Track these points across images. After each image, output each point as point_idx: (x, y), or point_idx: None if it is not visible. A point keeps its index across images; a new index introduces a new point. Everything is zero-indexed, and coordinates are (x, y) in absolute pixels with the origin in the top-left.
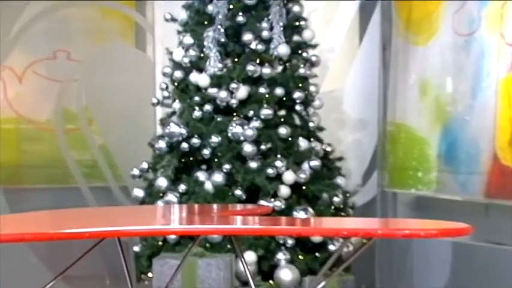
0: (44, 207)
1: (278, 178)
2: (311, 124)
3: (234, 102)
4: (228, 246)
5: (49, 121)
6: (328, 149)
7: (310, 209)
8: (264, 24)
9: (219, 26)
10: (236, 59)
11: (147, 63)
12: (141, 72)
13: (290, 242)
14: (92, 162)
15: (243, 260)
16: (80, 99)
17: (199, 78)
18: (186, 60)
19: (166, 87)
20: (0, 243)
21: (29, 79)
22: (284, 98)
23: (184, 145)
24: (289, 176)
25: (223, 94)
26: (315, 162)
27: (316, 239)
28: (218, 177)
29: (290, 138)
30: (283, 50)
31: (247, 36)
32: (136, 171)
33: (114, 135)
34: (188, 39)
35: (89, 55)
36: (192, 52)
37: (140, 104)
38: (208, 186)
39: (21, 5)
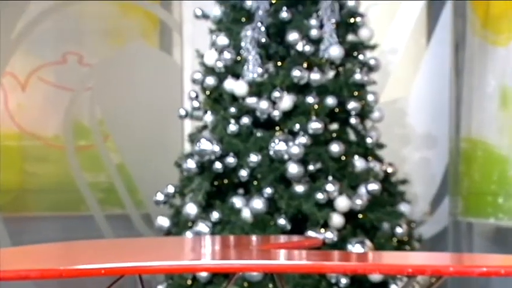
0: (51, 238)
1: (329, 205)
2: (369, 140)
3: (276, 114)
4: (270, 285)
5: (57, 137)
6: (390, 170)
7: (368, 242)
8: (313, 22)
9: (259, 24)
10: (279, 63)
11: (174, 68)
12: (166, 78)
13: (344, 281)
14: (107, 185)
15: None
16: (94, 110)
17: (236, 86)
18: (220, 64)
19: (196, 97)
20: (1, 282)
21: (33, 87)
22: (336, 109)
23: (218, 165)
24: (342, 203)
25: (263, 104)
26: (374, 186)
27: (376, 277)
28: (258, 204)
29: (343, 157)
30: (335, 51)
31: (292, 36)
32: (160, 196)
33: (133, 154)
34: (222, 40)
35: (104, 59)
36: (227, 55)
37: (165, 117)
38: (246, 214)
39: (24, 1)
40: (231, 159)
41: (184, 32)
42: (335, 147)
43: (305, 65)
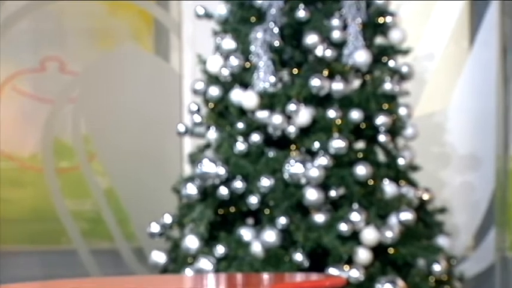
0: (28, 276)
1: (354, 237)
2: (401, 161)
3: (292, 130)
4: None
5: (34, 157)
6: (426, 196)
7: (400, 281)
8: (335, 22)
9: (272, 25)
10: (295, 70)
11: (171, 76)
12: (162, 88)
13: None
14: (93, 214)
15: None
16: (78, 126)
17: (244, 97)
18: (226, 71)
19: (198, 110)
20: None
21: (7, 98)
22: (363, 125)
23: (223, 191)
24: (370, 235)
25: (277, 119)
26: (407, 215)
27: None
28: (270, 236)
29: (371, 182)
30: (361, 57)
31: (311, 39)
32: (155, 228)
33: (124, 177)
34: (229, 43)
35: (90, 65)
36: (234, 60)
37: (161, 133)
38: (257, 248)
39: None
40: (238, 184)
41: (183, 34)
42: (361, 170)
43: (326, 72)
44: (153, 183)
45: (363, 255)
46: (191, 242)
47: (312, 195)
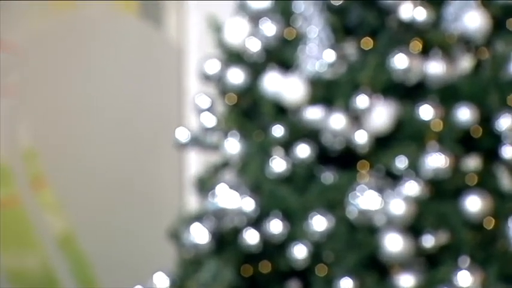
0: None
1: None
2: None
3: (361, 139)
4: None
5: None
6: None
7: None
8: None
9: None
10: (367, 43)
11: (166, 52)
12: (151, 71)
13: None
14: (41, 273)
15: None
16: (17, 133)
17: (285, 86)
18: (255, 45)
19: (210, 107)
20: None
21: None
22: (477, 131)
23: (251, 237)
24: None
25: (337, 121)
26: None
27: None
28: None
29: (490, 222)
30: (474, 21)
31: None
32: None
33: (90, 215)
34: (260, 1)
35: (37, 36)
36: (268, 28)
37: (149, 145)
38: None
39: None
40: (275, 226)
41: None
42: (474, 203)
43: (416, 46)
44: (137, 224)
45: None
46: None
47: (393, 244)
